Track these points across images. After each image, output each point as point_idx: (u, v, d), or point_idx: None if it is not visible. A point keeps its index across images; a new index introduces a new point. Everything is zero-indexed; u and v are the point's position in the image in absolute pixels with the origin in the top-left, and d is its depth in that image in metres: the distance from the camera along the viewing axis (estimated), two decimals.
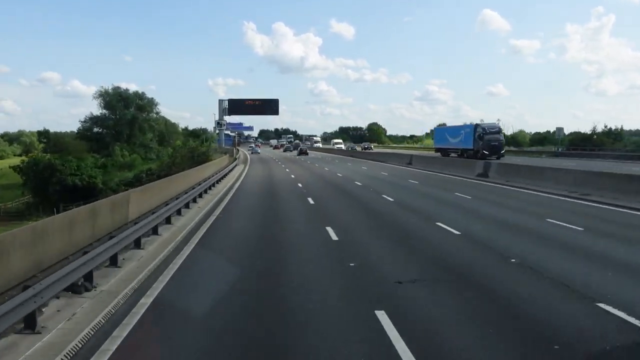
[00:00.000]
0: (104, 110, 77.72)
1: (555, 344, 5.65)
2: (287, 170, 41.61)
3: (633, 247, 10.68)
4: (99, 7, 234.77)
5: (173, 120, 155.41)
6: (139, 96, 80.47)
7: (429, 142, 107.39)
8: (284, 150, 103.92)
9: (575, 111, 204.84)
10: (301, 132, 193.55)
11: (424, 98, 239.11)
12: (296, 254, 10.79)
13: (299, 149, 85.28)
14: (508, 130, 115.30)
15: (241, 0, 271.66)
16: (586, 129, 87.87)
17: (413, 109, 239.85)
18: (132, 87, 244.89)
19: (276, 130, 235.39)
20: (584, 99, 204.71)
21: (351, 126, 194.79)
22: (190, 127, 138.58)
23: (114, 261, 8.97)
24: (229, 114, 76.44)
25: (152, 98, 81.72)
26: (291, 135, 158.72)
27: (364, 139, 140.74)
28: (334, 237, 12.31)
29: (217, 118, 76.01)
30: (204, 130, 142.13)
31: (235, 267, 9.39)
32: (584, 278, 8.23)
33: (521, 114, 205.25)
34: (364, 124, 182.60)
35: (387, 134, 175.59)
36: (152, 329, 6.36)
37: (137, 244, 10.59)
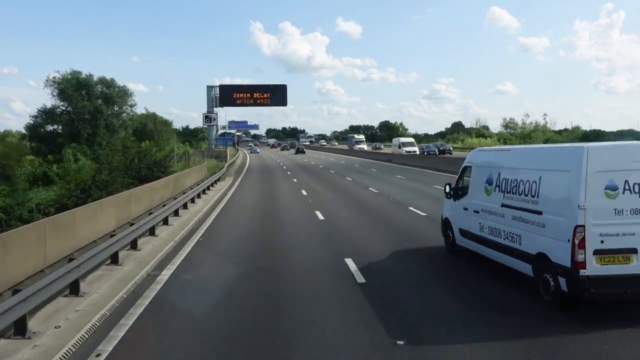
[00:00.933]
0: (61, 102, 59.23)
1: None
2: (303, 192, 23.92)
3: None
4: (106, 7, 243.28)
5: (185, 121, 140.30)
6: (106, 83, 62.33)
7: (471, 140, 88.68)
8: (282, 149, 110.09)
9: (585, 109, 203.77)
10: (311, 131, 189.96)
11: (432, 97, 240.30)
12: None
13: (296, 147, 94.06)
14: (554, 126, 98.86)
15: (248, 0, 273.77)
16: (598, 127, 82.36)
17: (421, 107, 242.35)
18: (141, 88, 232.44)
19: (284, 129, 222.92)
20: (594, 97, 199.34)
21: (361, 125, 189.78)
22: (198, 128, 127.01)
23: None
24: (221, 105, 57.99)
25: (124, 86, 63.72)
26: (312, 135, 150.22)
27: (375, 138, 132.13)
28: None
29: (206, 111, 57.54)
30: (202, 130, 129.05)
31: None
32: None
33: (530, 112, 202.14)
34: (371, 123, 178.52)
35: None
36: None
37: None
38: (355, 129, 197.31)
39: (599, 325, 6.30)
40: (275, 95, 58.28)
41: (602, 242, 6.65)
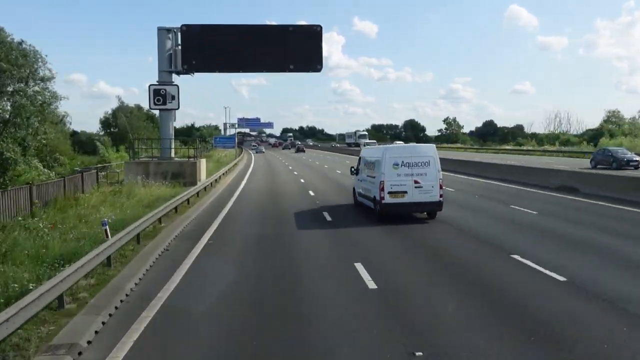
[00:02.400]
0: None
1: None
2: None
3: None
4: (122, 6, 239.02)
5: (202, 121, 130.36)
6: None
7: (617, 141, 57.25)
8: (283, 148, 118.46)
9: (606, 109, 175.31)
10: (328, 131, 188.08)
11: (448, 96, 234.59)
12: None
13: (296, 147, 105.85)
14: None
15: (263, 0, 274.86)
16: None
17: (437, 107, 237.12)
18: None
19: (301, 128, 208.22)
20: (615, 96, 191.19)
21: (384, 124, 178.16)
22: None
23: None
24: (185, 68, 28.37)
25: (23, 43, 34.23)
26: (365, 132, 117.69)
27: (400, 139, 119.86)
28: None
29: (157, 79, 28.12)
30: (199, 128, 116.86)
31: None
32: None
33: (548, 112, 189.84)
34: (386, 122, 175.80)
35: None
36: None
37: None
38: (378, 129, 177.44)
39: (390, 223, 15.12)
40: (302, 48, 28.15)
41: (391, 188, 15.41)
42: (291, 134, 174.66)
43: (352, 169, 19.88)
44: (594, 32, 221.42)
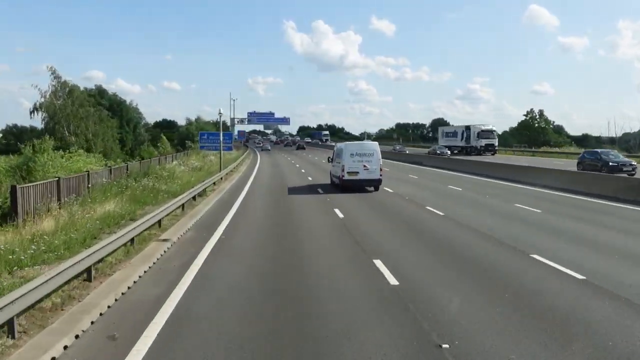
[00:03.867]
0: None
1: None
2: None
3: None
4: (139, 5, 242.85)
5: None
6: None
7: None
8: (285, 145, 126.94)
9: (627, 111, 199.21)
10: (348, 130, 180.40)
11: (466, 97, 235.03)
12: None
13: (297, 144, 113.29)
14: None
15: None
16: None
17: (455, 107, 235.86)
18: (174, 86, 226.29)
19: (319, 126, 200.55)
20: (636, 98, 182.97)
21: (410, 123, 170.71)
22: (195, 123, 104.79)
23: None
24: None
25: None
26: (492, 127, 66.92)
27: (426, 139, 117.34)
28: None
29: None
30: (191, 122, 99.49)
31: None
32: None
33: (568, 113, 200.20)
34: (411, 122, 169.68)
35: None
36: None
37: None
38: (403, 127, 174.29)
39: (348, 192, 24.38)
40: None
41: (349, 169, 24.97)
42: (327, 132, 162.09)
43: (329, 158, 30.30)
44: (616, 33, 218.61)
